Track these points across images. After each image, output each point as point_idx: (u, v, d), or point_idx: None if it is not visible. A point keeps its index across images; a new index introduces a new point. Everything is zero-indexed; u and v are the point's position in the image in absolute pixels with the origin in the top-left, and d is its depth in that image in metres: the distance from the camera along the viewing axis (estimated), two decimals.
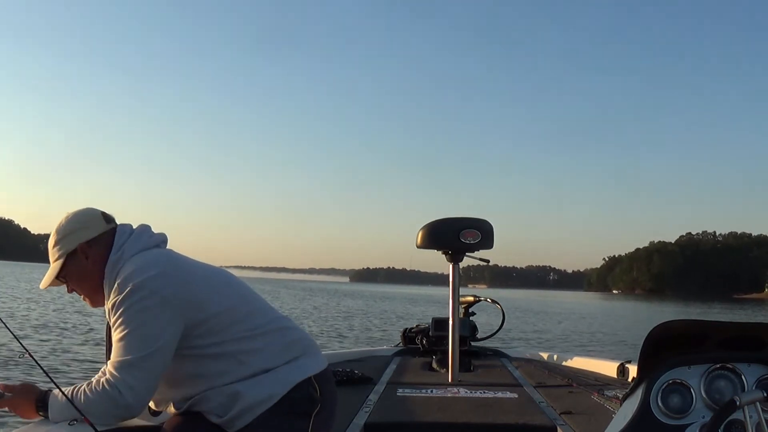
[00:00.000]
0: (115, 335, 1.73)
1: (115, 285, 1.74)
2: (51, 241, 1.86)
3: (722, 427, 1.49)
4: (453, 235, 3.36)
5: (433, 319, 4.17)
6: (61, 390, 1.76)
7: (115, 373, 1.70)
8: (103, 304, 1.81)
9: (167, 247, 1.92)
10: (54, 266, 1.84)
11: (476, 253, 3.46)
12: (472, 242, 3.35)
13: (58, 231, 1.84)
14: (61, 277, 1.84)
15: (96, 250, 1.82)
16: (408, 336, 4.35)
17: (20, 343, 1.77)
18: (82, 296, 1.88)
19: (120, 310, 1.72)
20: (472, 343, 4.20)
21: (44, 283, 1.88)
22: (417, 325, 4.38)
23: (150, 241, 1.86)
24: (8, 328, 1.86)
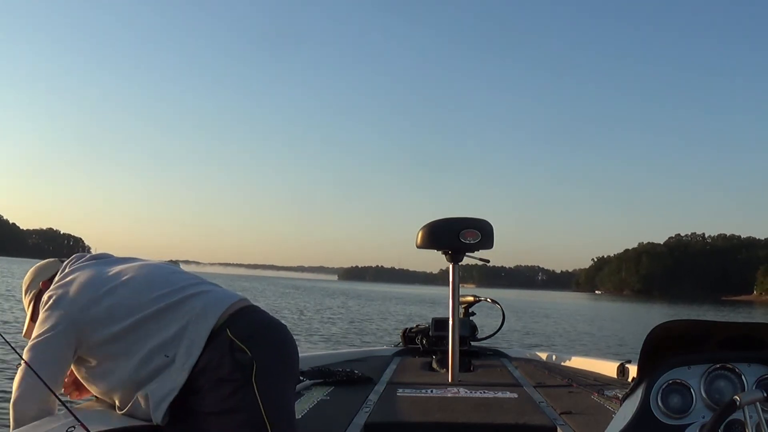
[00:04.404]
0: None
1: None
2: (23, 294, 2.10)
3: (722, 427, 1.49)
4: (453, 235, 3.34)
5: (433, 319, 4.16)
6: (58, 398, 1.84)
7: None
8: None
9: (99, 260, 2.06)
10: (29, 311, 2.06)
11: (476, 253, 3.45)
12: (472, 242, 3.33)
13: (25, 282, 2.09)
14: (36, 317, 1.99)
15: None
16: (408, 336, 4.32)
17: (18, 354, 1.79)
18: None
19: None
20: (472, 343, 4.18)
21: (25, 331, 2.06)
22: (417, 325, 4.35)
23: (67, 270, 2.01)
24: (5, 339, 1.90)
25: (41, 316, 1.92)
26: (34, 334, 1.90)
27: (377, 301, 45.10)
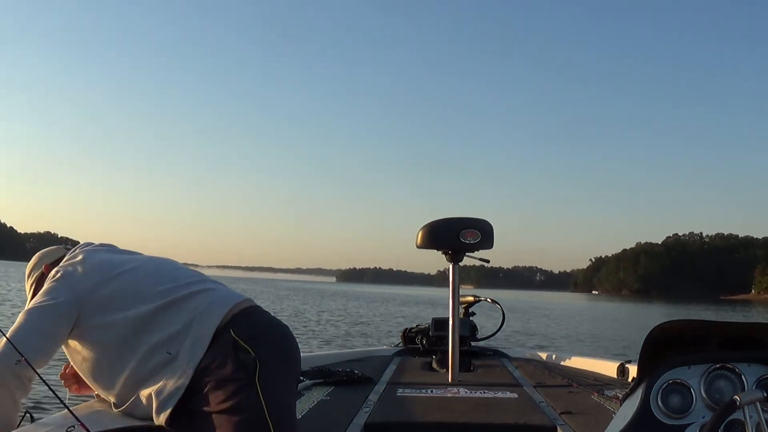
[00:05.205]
0: None
1: None
2: (26, 276, 2.07)
3: (722, 427, 1.48)
4: (453, 235, 3.33)
5: (433, 319, 4.15)
6: (55, 394, 1.81)
7: None
8: None
9: (106, 249, 2.04)
10: (29, 295, 2.02)
11: (476, 253, 3.44)
12: (472, 242, 3.32)
13: (29, 266, 2.07)
14: None
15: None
16: (408, 336, 4.31)
17: (17, 350, 1.73)
18: None
19: None
20: (472, 343, 4.17)
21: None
22: (417, 325, 4.34)
23: (77, 251, 2.00)
24: (5, 335, 1.84)
25: (45, 286, 1.88)
26: (34, 300, 1.86)
27: (376, 302, 45.05)
